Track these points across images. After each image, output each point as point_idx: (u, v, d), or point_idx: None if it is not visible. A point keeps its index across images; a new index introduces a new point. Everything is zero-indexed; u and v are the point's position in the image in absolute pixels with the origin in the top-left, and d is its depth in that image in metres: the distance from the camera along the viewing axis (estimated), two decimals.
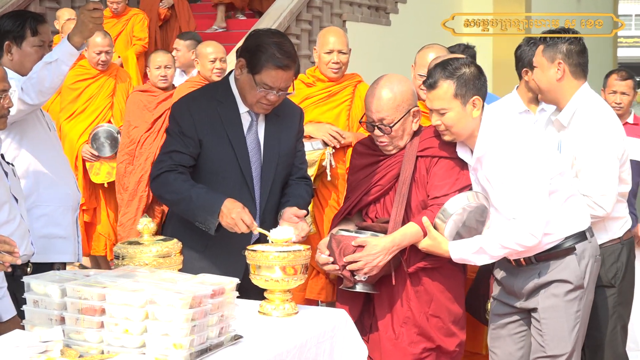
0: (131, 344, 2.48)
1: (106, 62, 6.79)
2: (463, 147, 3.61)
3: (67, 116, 6.77)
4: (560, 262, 3.53)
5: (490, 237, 3.47)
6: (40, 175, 3.90)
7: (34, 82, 3.64)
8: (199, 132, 3.56)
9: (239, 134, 3.61)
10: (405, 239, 3.56)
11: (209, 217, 3.44)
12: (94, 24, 3.61)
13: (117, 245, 3.02)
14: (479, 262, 3.51)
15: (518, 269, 3.60)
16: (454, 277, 3.73)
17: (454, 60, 3.56)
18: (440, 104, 3.51)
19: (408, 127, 3.70)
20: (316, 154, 4.72)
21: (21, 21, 3.91)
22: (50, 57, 3.64)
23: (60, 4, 9.47)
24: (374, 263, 3.51)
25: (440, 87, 3.50)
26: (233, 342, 2.71)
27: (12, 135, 3.83)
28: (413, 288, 3.66)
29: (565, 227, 3.53)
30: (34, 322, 2.61)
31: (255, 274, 3.10)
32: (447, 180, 3.61)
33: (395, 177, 3.70)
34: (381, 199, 3.75)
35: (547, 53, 3.81)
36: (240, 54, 3.59)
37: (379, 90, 3.69)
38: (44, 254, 3.84)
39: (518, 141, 3.45)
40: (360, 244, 3.52)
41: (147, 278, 2.65)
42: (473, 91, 3.50)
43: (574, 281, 3.52)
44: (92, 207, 6.83)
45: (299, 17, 9.11)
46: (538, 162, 3.42)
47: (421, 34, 9.59)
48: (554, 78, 3.80)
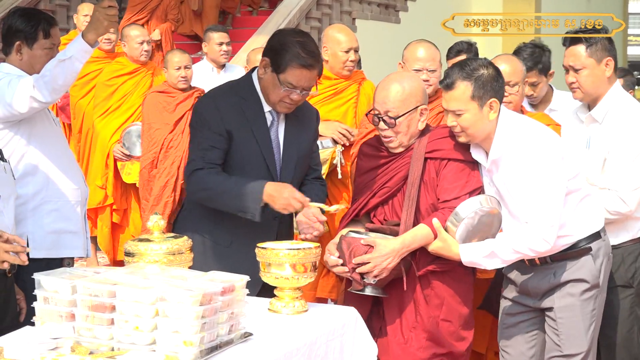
0: (141, 341, 2.48)
1: (149, 51, 6.69)
2: (477, 149, 3.56)
3: (101, 113, 6.65)
4: (576, 262, 3.51)
5: (502, 241, 3.42)
6: (49, 171, 3.90)
7: (48, 79, 3.64)
8: (227, 125, 3.55)
9: (264, 131, 3.61)
10: (415, 240, 3.49)
11: (253, 204, 3.43)
12: (109, 21, 3.60)
13: (127, 243, 3.02)
14: (490, 266, 3.46)
15: (532, 269, 3.58)
16: (464, 281, 3.67)
17: (472, 61, 3.50)
18: (457, 105, 3.45)
19: (414, 124, 3.62)
20: (327, 152, 4.71)
21: (34, 22, 3.89)
22: (64, 54, 3.63)
23: (70, 1, 9.49)
24: (384, 265, 3.43)
25: (458, 87, 3.44)
26: (243, 339, 2.71)
27: (21, 133, 3.83)
28: (423, 292, 3.61)
29: (581, 227, 3.50)
30: (44, 319, 2.61)
31: (265, 272, 3.10)
32: (457, 183, 3.55)
33: (403, 179, 3.63)
34: (389, 201, 3.68)
35: (594, 53, 3.78)
36: (264, 53, 3.58)
37: (388, 82, 3.64)
38: (55, 249, 3.85)
39: (535, 144, 3.40)
40: (369, 244, 3.45)
41: (158, 275, 2.65)
42: (491, 93, 3.44)
43: (590, 280, 3.50)
44: (123, 208, 6.73)
45: (309, 14, 9.12)
46: (555, 166, 3.37)
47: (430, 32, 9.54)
48: (604, 76, 3.79)
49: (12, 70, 3.85)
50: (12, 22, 3.94)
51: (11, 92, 3.68)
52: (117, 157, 6.54)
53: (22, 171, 3.81)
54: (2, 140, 3.76)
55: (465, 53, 6.07)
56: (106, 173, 6.62)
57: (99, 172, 6.63)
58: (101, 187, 6.63)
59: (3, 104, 3.70)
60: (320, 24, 9.29)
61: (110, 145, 6.56)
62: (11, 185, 3.40)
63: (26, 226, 3.82)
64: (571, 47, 3.84)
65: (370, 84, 4.98)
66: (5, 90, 3.70)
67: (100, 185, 6.63)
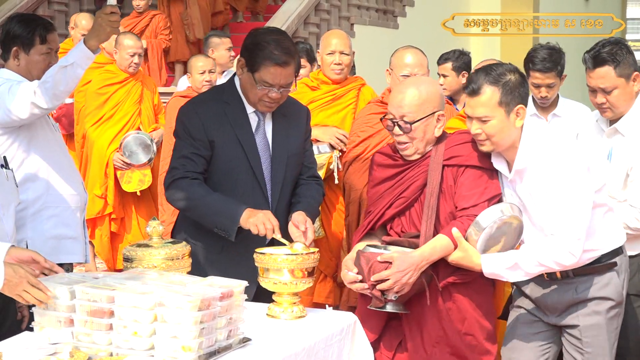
0: (140, 346, 2.49)
1: (138, 64, 6.70)
2: (499, 159, 3.41)
3: (94, 122, 6.61)
4: (600, 278, 3.36)
5: (526, 253, 3.27)
6: (49, 177, 3.91)
7: (49, 86, 3.64)
8: (209, 133, 3.56)
9: (248, 133, 3.62)
10: (435, 252, 3.33)
11: (230, 223, 3.43)
12: (111, 27, 3.60)
13: (126, 248, 3.03)
14: (512, 279, 3.31)
15: (552, 283, 3.41)
16: (485, 292, 3.54)
17: (497, 66, 3.36)
18: (484, 112, 3.29)
19: (430, 130, 3.48)
20: (323, 157, 4.71)
21: (31, 28, 3.90)
22: (65, 60, 3.63)
23: (69, 7, 9.51)
24: (404, 280, 3.27)
25: (484, 93, 3.28)
26: (241, 344, 2.72)
27: (20, 139, 3.84)
28: (445, 305, 3.45)
29: (606, 241, 3.37)
30: (43, 324, 2.61)
31: (263, 277, 3.10)
32: (476, 190, 3.41)
33: (420, 188, 3.48)
34: (406, 211, 3.52)
35: (623, 72, 3.66)
36: (241, 53, 3.60)
37: (405, 86, 3.53)
38: (55, 255, 3.85)
39: (563, 154, 3.27)
40: (386, 260, 3.28)
41: (156, 280, 2.66)
42: (518, 99, 3.29)
43: (616, 298, 3.38)
44: (120, 216, 6.70)
45: (307, 20, 9.13)
46: (583, 177, 3.23)
47: (429, 37, 9.59)
48: (633, 92, 3.71)
49: (12, 76, 3.86)
50: (9, 28, 3.96)
51: (11, 98, 3.69)
52: (116, 166, 6.53)
53: (22, 177, 3.82)
54: (2, 146, 3.76)
55: (451, 61, 6.10)
56: (105, 182, 6.58)
57: (97, 182, 6.59)
58: (100, 197, 6.60)
59: (3, 109, 3.71)
60: (318, 29, 9.30)
61: (109, 154, 6.54)
62: (12, 193, 3.40)
63: (26, 232, 3.83)
64: (597, 69, 3.68)
65: (370, 90, 5.00)
66: (5, 96, 3.71)
67: (99, 194, 6.59)
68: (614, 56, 3.63)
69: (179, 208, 3.65)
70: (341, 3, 9.79)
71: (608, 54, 3.64)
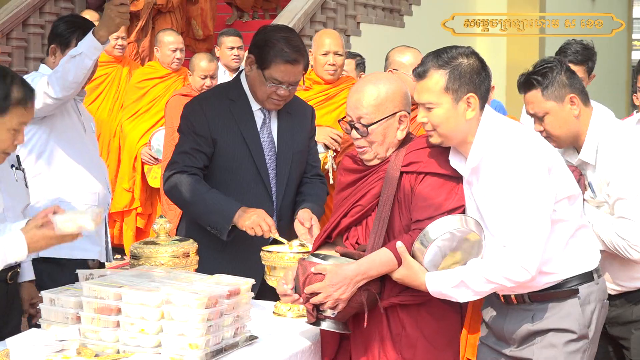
0: (147, 344, 2.49)
1: (181, 59, 6.70)
2: (457, 156, 2.96)
3: (130, 115, 6.64)
4: (559, 306, 2.90)
5: (473, 269, 2.80)
6: (67, 173, 3.91)
7: (59, 75, 3.68)
8: (213, 131, 3.57)
9: (253, 131, 3.62)
10: (373, 267, 2.87)
11: (223, 222, 3.44)
12: (120, 18, 3.62)
13: (133, 245, 3.04)
14: (461, 299, 2.83)
15: (507, 308, 2.96)
16: (445, 318, 3.01)
17: (451, 49, 2.94)
18: (428, 98, 2.88)
19: (391, 133, 3.03)
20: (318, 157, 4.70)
21: (72, 30, 3.94)
22: (75, 50, 3.67)
23: (75, 4, 9.51)
24: (336, 295, 2.83)
25: (430, 77, 2.88)
26: (248, 342, 2.72)
27: (41, 132, 3.86)
28: (390, 329, 2.98)
29: (570, 265, 2.90)
30: (50, 321, 2.62)
31: (270, 275, 3.11)
32: (433, 200, 2.94)
33: (376, 197, 3.03)
34: (362, 221, 3.08)
35: (551, 95, 3.22)
36: (249, 50, 3.61)
37: (363, 84, 3.09)
38: (68, 250, 3.84)
39: (518, 151, 2.82)
40: (320, 272, 2.86)
41: (163, 278, 2.66)
42: (469, 87, 2.86)
43: (577, 330, 2.88)
44: (148, 213, 6.70)
45: (313, 18, 9.12)
46: (541, 179, 2.79)
47: (435, 36, 9.57)
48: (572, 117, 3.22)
49: (46, 71, 3.90)
50: (56, 25, 4.02)
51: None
52: (144, 161, 6.54)
53: (38, 171, 3.83)
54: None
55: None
56: (133, 176, 6.60)
57: (126, 175, 6.61)
58: (128, 190, 6.61)
59: None
60: (324, 27, 9.29)
61: (138, 148, 6.54)
62: (22, 194, 3.39)
63: None
64: (526, 94, 3.27)
65: None
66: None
67: (127, 188, 6.61)
68: (543, 77, 3.21)
69: (176, 203, 3.65)
70: (347, 1, 9.77)
71: (536, 76, 3.23)
